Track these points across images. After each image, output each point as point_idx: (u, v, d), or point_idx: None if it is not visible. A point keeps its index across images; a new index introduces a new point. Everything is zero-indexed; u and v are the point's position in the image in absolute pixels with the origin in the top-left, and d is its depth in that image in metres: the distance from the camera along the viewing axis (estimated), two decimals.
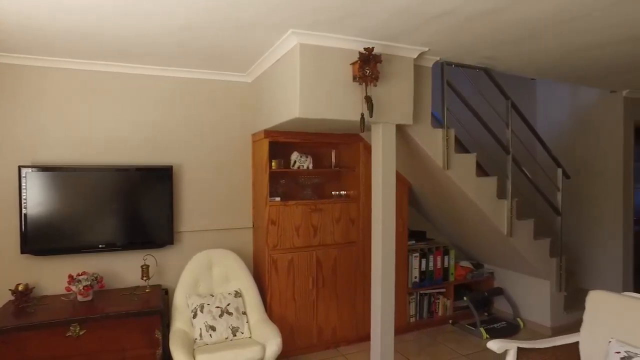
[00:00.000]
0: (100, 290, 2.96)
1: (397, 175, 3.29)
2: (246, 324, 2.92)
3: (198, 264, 3.11)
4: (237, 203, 3.55)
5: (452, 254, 4.10)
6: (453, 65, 3.19)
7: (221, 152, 3.48)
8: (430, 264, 3.98)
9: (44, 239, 2.88)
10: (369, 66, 2.50)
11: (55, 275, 2.98)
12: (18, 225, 2.84)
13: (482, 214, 3.48)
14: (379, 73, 2.56)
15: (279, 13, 2.17)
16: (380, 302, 2.88)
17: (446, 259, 4.07)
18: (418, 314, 3.96)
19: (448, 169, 3.23)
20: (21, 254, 2.85)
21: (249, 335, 2.88)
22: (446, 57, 3.07)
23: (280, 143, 3.32)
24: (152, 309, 2.69)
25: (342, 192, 3.62)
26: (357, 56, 2.52)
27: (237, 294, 3.03)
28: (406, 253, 3.79)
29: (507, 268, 4.18)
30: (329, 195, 3.65)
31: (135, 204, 3.13)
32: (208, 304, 2.89)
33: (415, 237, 4.04)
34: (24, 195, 2.80)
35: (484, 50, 2.87)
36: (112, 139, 3.15)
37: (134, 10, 2.11)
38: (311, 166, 3.47)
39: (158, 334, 2.69)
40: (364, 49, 2.50)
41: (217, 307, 2.89)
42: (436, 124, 3.28)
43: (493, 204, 3.47)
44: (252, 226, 3.59)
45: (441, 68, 3.17)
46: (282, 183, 3.46)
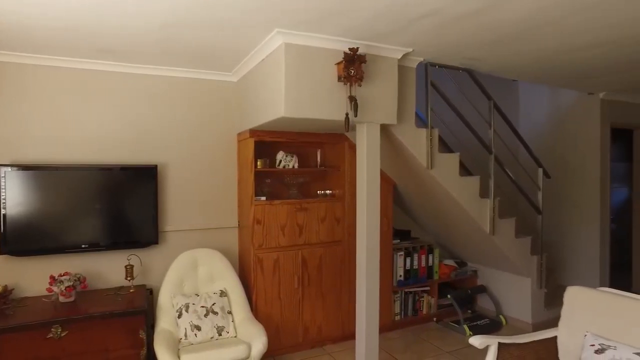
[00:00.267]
0: (83, 290, 2.92)
1: (382, 174, 3.33)
2: (231, 323, 2.91)
3: (183, 264, 3.10)
4: (223, 202, 3.54)
5: (437, 252, 4.16)
6: (437, 66, 3.23)
7: (207, 151, 3.47)
8: (415, 263, 4.03)
9: (24, 239, 2.83)
10: (353, 66, 2.53)
11: (37, 276, 2.93)
12: None
13: (465, 213, 3.54)
14: (364, 73, 2.59)
15: (264, 12, 2.18)
16: (365, 300, 2.90)
17: (430, 257, 4.13)
18: (403, 312, 4.00)
19: (432, 168, 3.28)
20: (0, 254, 2.79)
21: (234, 335, 2.88)
22: (430, 58, 3.12)
23: (265, 142, 3.32)
24: (136, 309, 2.67)
25: (327, 191, 3.65)
26: (342, 56, 2.54)
27: (223, 294, 3.02)
28: (391, 252, 3.83)
29: (490, 266, 4.26)
30: (314, 194, 3.67)
31: (119, 204, 3.10)
32: (193, 304, 2.88)
33: (400, 236, 4.09)
34: (2, 195, 2.75)
35: (467, 52, 2.93)
36: (95, 138, 3.11)
37: (115, 7, 2.10)
38: (297, 165, 3.48)
39: (142, 334, 2.67)
40: (349, 49, 2.52)
41: (203, 307, 2.88)
42: (420, 124, 3.33)
43: (476, 203, 3.54)
44: (237, 225, 3.59)
45: (425, 69, 3.22)
46: (268, 182, 3.47)
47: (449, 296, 4.01)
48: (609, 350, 1.99)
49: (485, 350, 2.33)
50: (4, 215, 2.76)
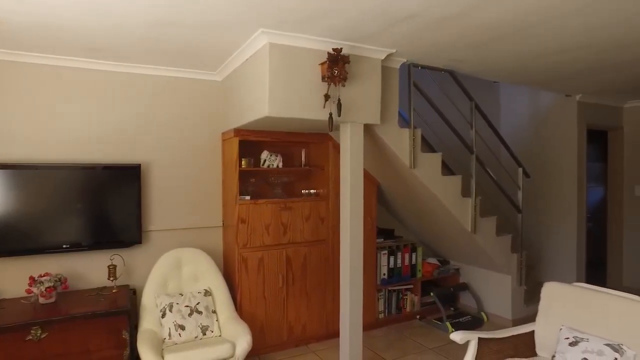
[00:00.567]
0: (65, 291, 2.88)
1: (366, 174, 3.37)
2: (216, 322, 2.91)
3: (167, 263, 3.08)
4: (207, 202, 3.53)
5: (420, 251, 4.22)
6: (419, 67, 3.29)
7: (191, 150, 3.45)
8: (399, 261, 4.09)
9: (2, 239, 2.77)
10: (337, 66, 2.56)
11: (15, 277, 2.87)
12: None
13: (447, 212, 3.61)
14: (347, 73, 2.62)
15: (248, 12, 2.20)
16: (349, 298, 2.93)
17: (414, 256, 4.19)
18: (387, 310, 4.05)
19: (415, 167, 3.33)
20: None
21: (218, 334, 2.88)
22: (413, 59, 3.17)
23: (250, 142, 3.33)
24: (119, 309, 2.65)
25: (311, 190, 3.67)
26: (325, 56, 2.57)
27: (207, 293, 3.02)
28: (375, 250, 3.88)
29: (471, 264, 4.34)
30: (298, 193, 3.69)
31: (102, 203, 3.06)
32: (177, 303, 2.86)
33: (384, 235, 4.14)
34: None
35: (449, 53, 2.98)
36: (78, 137, 3.07)
37: (99, 4, 2.08)
38: (281, 165, 3.50)
39: (125, 335, 2.65)
40: (333, 49, 2.55)
41: (187, 306, 2.87)
42: (403, 123, 3.38)
43: (458, 202, 3.61)
44: (222, 225, 3.58)
45: (408, 69, 3.27)
46: (252, 182, 3.47)
47: (432, 294, 4.07)
48: (582, 342, 2.06)
49: (466, 346, 2.39)
50: None
